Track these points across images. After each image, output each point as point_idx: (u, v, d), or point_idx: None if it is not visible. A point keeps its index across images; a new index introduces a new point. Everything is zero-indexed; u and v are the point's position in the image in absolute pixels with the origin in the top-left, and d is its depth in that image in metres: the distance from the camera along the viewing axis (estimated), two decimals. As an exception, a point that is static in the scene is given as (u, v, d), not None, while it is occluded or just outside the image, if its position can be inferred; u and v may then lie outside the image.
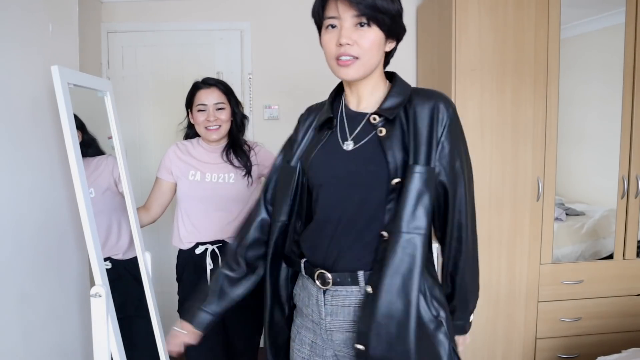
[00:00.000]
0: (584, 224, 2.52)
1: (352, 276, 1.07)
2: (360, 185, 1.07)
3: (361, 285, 1.07)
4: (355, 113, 1.13)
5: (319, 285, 1.10)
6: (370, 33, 1.02)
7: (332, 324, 1.11)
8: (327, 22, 1.04)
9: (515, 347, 2.41)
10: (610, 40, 2.40)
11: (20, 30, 1.39)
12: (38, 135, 1.47)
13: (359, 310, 1.07)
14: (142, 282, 1.70)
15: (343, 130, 1.12)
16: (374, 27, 1.02)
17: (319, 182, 1.13)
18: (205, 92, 1.80)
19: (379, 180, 1.05)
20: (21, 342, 1.36)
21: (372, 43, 1.03)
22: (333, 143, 1.12)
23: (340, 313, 1.10)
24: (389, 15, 1.02)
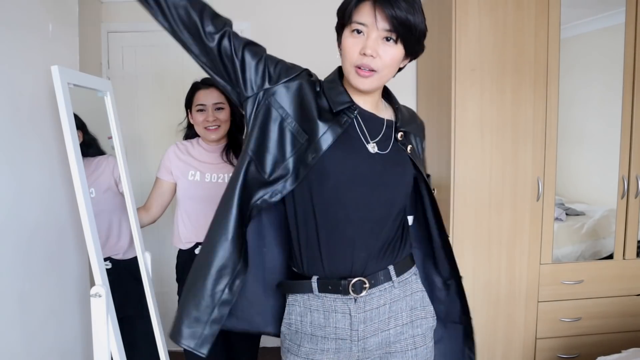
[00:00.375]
0: (584, 224, 2.52)
1: (384, 273, 1.09)
2: (387, 185, 1.07)
3: (394, 279, 1.10)
4: (369, 114, 1.09)
5: (352, 294, 1.05)
6: (395, 50, 1.01)
7: (367, 330, 1.07)
8: (354, 26, 1.01)
9: (515, 347, 2.41)
10: (610, 40, 2.40)
11: (20, 30, 1.39)
12: (38, 135, 1.46)
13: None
14: (142, 282, 1.70)
15: (362, 129, 1.07)
16: (399, 44, 1.01)
17: (341, 179, 1.03)
18: (204, 92, 1.80)
19: (403, 182, 1.11)
20: (21, 342, 1.36)
21: (393, 59, 1.02)
22: (355, 140, 1.06)
23: (375, 316, 1.08)
24: (416, 35, 1.01)
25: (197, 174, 1.80)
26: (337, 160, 1.03)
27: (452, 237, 2.33)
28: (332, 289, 1.06)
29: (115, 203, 1.87)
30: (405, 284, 1.13)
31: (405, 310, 1.12)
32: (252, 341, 1.91)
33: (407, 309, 1.12)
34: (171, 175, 1.84)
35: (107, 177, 1.84)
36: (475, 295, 2.37)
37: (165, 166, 1.85)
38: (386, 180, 1.07)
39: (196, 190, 1.80)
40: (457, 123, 2.28)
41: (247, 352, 1.90)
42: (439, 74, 2.45)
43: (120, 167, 1.67)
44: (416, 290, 1.15)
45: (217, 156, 1.83)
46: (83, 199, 1.27)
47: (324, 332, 1.08)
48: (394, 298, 1.10)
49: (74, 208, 1.42)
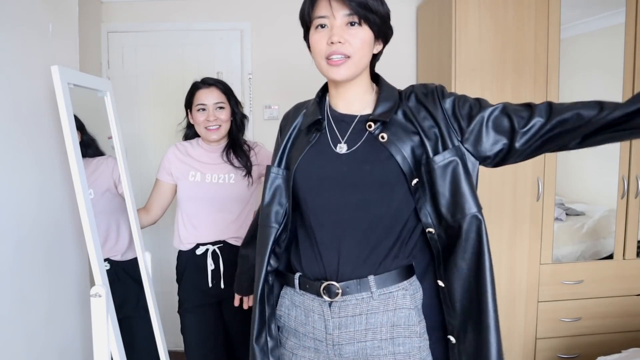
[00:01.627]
0: (584, 224, 2.52)
1: (361, 282, 1.04)
2: (357, 186, 1.03)
3: (373, 290, 1.04)
4: (342, 115, 1.10)
5: (326, 298, 1.05)
6: (362, 32, 1.01)
7: (341, 337, 1.05)
8: (316, 22, 1.03)
9: (515, 347, 2.41)
10: (610, 40, 2.40)
11: (20, 30, 1.39)
12: (38, 135, 1.47)
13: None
14: (141, 282, 1.70)
15: (333, 133, 1.09)
16: (364, 26, 1.01)
17: (308, 185, 1.07)
18: (204, 92, 1.80)
19: (374, 180, 1.03)
20: (21, 342, 1.36)
21: (363, 42, 1.01)
22: (323, 145, 1.08)
23: (350, 324, 1.05)
24: (379, 15, 1.01)
25: (197, 174, 1.80)
26: (304, 168, 1.08)
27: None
28: (309, 288, 1.08)
29: (113, 205, 1.87)
30: (388, 298, 1.04)
31: (385, 326, 1.04)
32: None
33: (388, 325, 1.04)
34: (171, 177, 1.84)
35: (106, 178, 1.84)
36: (475, 295, 2.37)
37: (165, 167, 1.84)
38: (354, 180, 1.04)
39: (197, 191, 1.79)
40: (457, 123, 2.27)
41: (247, 352, 1.90)
42: (439, 74, 2.45)
43: (120, 167, 1.67)
44: (401, 306, 1.05)
45: (218, 156, 1.83)
46: (83, 199, 1.27)
47: (304, 330, 1.10)
48: (372, 310, 1.04)
49: (74, 208, 1.42)
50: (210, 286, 1.79)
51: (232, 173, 1.81)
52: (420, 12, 2.76)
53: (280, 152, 1.16)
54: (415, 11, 2.81)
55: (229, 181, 1.80)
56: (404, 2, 2.81)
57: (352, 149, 1.05)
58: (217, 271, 1.80)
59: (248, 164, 1.82)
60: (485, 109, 1.02)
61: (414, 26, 2.81)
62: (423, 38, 2.71)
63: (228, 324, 1.86)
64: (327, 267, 1.06)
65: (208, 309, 1.82)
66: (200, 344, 1.81)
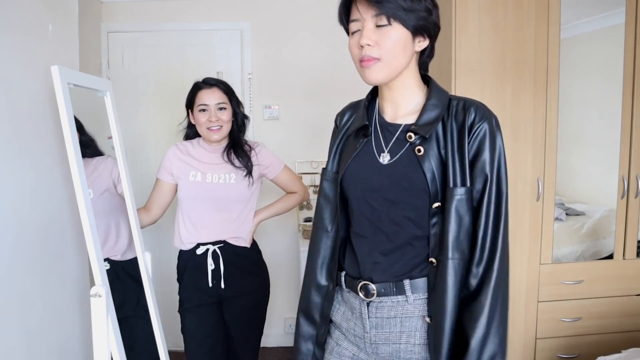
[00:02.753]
0: (584, 224, 2.52)
1: (397, 285, 1.05)
2: (394, 201, 1.04)
3: (408, 295, 1.05)
4: (388, 123, 1.08)
5: (362, 297, 1.08)
6: (392, 32, 0.97)
7: (378, 336, 1.08)
8: (351, 27, 1.02)
9: (515, 347, 2.41)
10: (610, 40, 2.40)
11: (20, 30, 1.39)
12: (38, 135, 1.46)
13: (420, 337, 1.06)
14: (141, 282, 1.70)
15: (378, 140, 1.08)
16: (396, 25, 0.97)
17: (354, 194, 1.09)
18: (206, 92, 1.80)
19: (412, 197, 1.03)
20: (21, 342, 1.36)
21: (394, 43, 0.98)
22: (369, 154, 1.08)
23: (386, 325, 1.07)
24: (413, 11, 0.97)
25: (198, 174, 1.80)
26: (349, 176, 1.09)
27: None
28: (352, 286, 1.11)
29: (113, 205, 1.87)
30: (423, 304, 1.05)
31: (419, 331, 1.05)
32: (253, 341, 1.91)
33: (422, 330, 1.05)
34: (171, 176, 1.84)
35: (105, 178, 1.84)
36: (475, 295, 2.37)
37: (166, 167, 1.84)
38: (393, 196, 1.04)
39: (197, 191, 1.79)
40: (457, 123, 2.27)
41: (248, 352, 1.90)
42: (439, 74, 2.45)
43: (120, 167, 1.67)
44: None
45: (218, 156, 1.83)
46: (83, 198, 1.27)
47: (347, 325, 1.14)
48: (407, 314, 1.06)
49: (74, 208, 1.42)
50: (210, 286, 1.79)
51: (233, 173, 1.81)
52: (420, 12, 2.76)
53: (333, 154, 1.17)
54: (415, 11, 2.81)
55: (229, 181, 1.80)
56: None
57: (393, 159, 1.05)
58: (217, 271, 1.80)
59: (249, 164, 1.82)
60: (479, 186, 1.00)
61: (414, 26, 2.81)
62: (423, 38, 2.71)
63: (228, 324, 1.86)
64: (366, 270, 1.08)
65: (208, 308, 1.82)
66: (201, 343, 1.81)
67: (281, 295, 2.95)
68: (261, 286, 1.90)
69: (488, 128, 1.01)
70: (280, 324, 3.02)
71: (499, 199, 1.00)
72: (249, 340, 1.90)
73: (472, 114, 1.01)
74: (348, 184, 1.10)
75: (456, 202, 0.99)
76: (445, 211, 0.99)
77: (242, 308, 1.85)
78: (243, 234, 1.84)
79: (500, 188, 1.00)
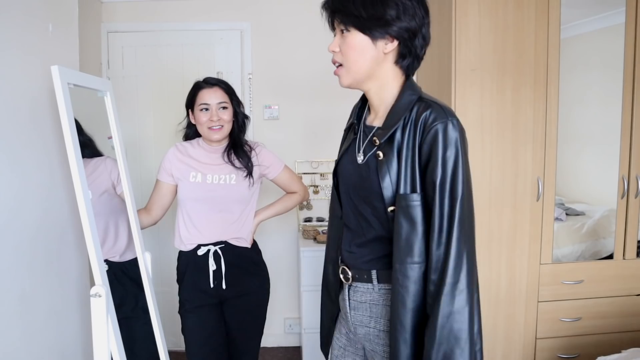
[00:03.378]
0: (584, 224, 2.52)
1: (367, 274, 1.12)
2: (364, 200, 1.09)
3: (374, 284, 1.12)
4: (366, 125, 1.13)
5: (343, 279, 1.18)
6: (350, 38, 1.03)
7: (355, 318, 1.17)
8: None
9: (515, 347, 2.41)
10: (610, 40, 2.40)
11: (20, 30, 1.39)
12: (38, 136, 1.46)
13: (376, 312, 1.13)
14: (139, 283, 1.69)
15: (360, 139, 1.13)
16: (353, 31, 1.02)
17: (342, 188, 1.19)
18: (208, 92, 1.79)
19: (372, 199, 1.07)
20: (21, 342, 1.36)
21: (351, 47, 1.03)
22: (353, 151, 1.14)
23: (360, 308, 1.15)
24: (371, 18, 0.99)
25: (198, 175, 1.80)
26: (339, 171, 1.19)
27: (452, 237, 2.33)
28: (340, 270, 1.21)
29: (112, 206, 1.86)
30: (388, 294, 1.09)
31: (384, 318, 1.11)
32: (253, 341, 1.91)
33: (386, 318, 1.10)
34: (172, 177, 1.83)
35: (105, 179, 1.83)
36: (475, 295, 2.37)
37: (166, 168, 1.84)
38: (363, 194, 1.09)
39: (197, 191, 1.79)
40: (457, 123, 2.27)
41: (248, 352, 1.90)
42: (439, 74, 2.45)
43: (120, 167, 1.67)
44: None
45: (218, 157, 1.83)
46: (83, 199, 1.27)
47: (342, 304, 1.23)
48: (374, 301, 1.13)
49: (74, 208, 1.42)
50: (211, 287, 1.79)
51: (233, 174, 1.81)
52: (420, 12, 2.76)
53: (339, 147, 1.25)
54: (415, 11, 2.81)
55: (229, 182, 1.80)
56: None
57: (364, 161, 1.09)
58: (218, 272, 1.79)
59: (249, 164, 1.82)
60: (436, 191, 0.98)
61: (414, 26, 2.81)
62: (423, 38, 2.70)
63: (228, 324, 1.86)
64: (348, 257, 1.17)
65: (209, 309, 1.82)
66: (202, 344, 1.81)
67: (281, 295, 2.94)
68: (261, 286, 1.90)
69: (441, 130, 0.98)
70: (280, 324, 3.02)
71: (452, 204, 0.97)
72: (249, 341, 1.90)
73: (427, 116, 1.00)
74: (338, 177, 1.19)
75: (405, 208, 1.00)
76: (396, 216, 1.01)
77: (243, 308, 1.85)
78: (244, 234, 1.84)
79: (453, 192, 0.97)
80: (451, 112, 1.00)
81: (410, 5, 1.01)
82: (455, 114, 1.01)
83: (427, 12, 1.06)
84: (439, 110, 1.00)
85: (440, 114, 0.99)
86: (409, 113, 1.03)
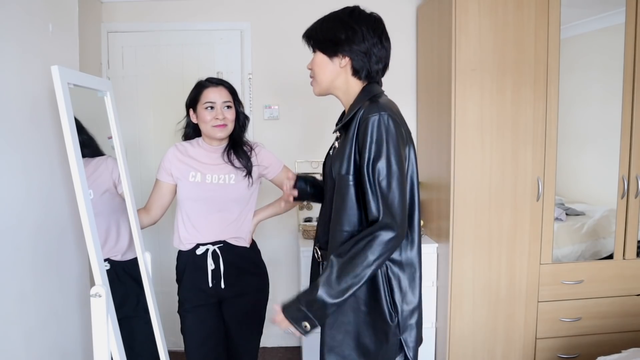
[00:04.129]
0: (584, 224, 2.52)
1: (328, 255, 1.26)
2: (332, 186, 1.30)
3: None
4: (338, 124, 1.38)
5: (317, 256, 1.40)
6: (315, 57, 1.34)
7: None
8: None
9: (515, 347, 2.42)
10: (610, 40, 2.40)
11: (20, 30, 1.39)
12: (38, 136, 1.47)
13: None
14: (141, 282, 1.69)
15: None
16: (317, 52, 1.33)
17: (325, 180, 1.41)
18: (213, 91, 1.79)
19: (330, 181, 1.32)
20: (21, 342, 1.36)
21: (316, 64, 1.34)
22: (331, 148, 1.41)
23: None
24: (326, 40, 1.29)
25: (197, 175, 1.80)
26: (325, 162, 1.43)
27: (452, 237, 2.33)
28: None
29: (113, 205, 1.86)
30: None
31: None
32: (252, 341, 1.91)
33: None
34: (171, 177, 1.83)
35: (106, 179, 1.83)
36: (475, 295, 2.37)
37: (165, 168, 1.84)
38: (328, 180, 1.35)
39: (197, 191, 1.79)
40: (457, 123, 2.28)
41: (247, 352, 1.90)
42: (439, 74, 2.45)
43: (120, 167, 1.67)
44: None
45: (218, 157, 1.83)
46: (83, 199, 1.27)
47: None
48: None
49: (74, 208, 1.42)
50: (210, 286, 1.79)
51: (233, 173, 1.81)
52: (420, 12, 2.76)
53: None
54: (415, 11, 2.81)
55: (229, 181, 1.80)
56: (404, 2, 2.81)
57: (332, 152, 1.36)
58: (217, 271, 1.80)
59: (248, 164, 1.82)
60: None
61: (414, 26, 2.81)
62: (423, 38, 2.71)
63: (228, 324, 1.86)
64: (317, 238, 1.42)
65: (208, 309, 1.82)
66: (201, 343, 1.81)
67: (281, 295, 2.93)
68: (261, 286, 1.90)
69: (369, 124, 1.19)
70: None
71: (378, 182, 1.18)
72: (248, 341, 1.90)
73: (364, 112, 1.22)
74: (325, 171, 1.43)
75: (339, 187, 1.25)
76: (335, 193, 1.27)
77: (242, 308, 1.85)
78: (243, 234, 1.84)
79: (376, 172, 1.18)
80: (384, 108, 1.20)
81: (360, 31, 1.26)
82: (389, 110, 1.20)
83: (380, 36, 1.29)
84: (373, 107, 1.21)
85: (369, 111, 1.20)
86: (359, 111, 1.24)
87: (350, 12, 1.30)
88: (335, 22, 1.29)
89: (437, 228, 2.52)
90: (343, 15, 1.30)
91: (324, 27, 1.31)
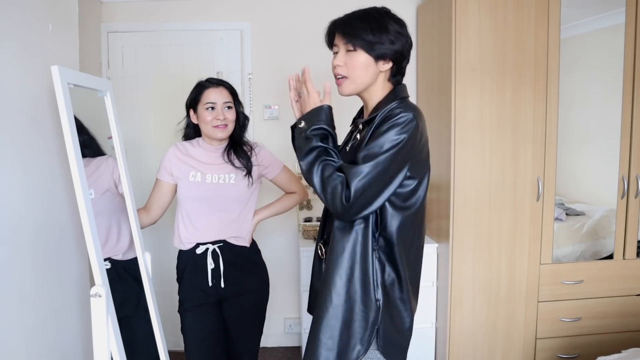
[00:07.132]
0: (584, 224, 2.52)
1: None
2: None
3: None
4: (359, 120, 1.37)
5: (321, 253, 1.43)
6: (357, 56, 1.27)
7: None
8: (333, 50, 1.33)
9: (515, 347, 2.42)
10: (610, 40, 2.40)
11: (20, 30, 1.39)
12: (38, 136, 1.47)
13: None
14: (141, 282, 1.70)
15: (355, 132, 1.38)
16: (360, 51, 1.26)
17: None
18: (214, 91, 1.80)
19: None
20: (21, 342, 1.36)
21: (357, 63, 1.27)
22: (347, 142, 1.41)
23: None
24: (376, 42, 1.24)
25: (197, 174, 1.80)
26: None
27: (452, 237, 2.33)
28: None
29: (114, 205, 1.86)
30: None
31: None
32: (253, 341, 1.91)
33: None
34: (171, 177, 1.84)
35: (107, 178, 1.83)
36: (475, 295, 2.37)
37: (165, 167, 1.84)
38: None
39: (197, 191, 1.79)
40: (457, 123, 2.28)
41: (247, 352, 1.90)
42: (439, 74, 2.45)
43: (120, 167, 1.67)
44: None
45: (218, 156, 1.83)
46: (83, 199, 1.27)
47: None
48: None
49: (74, 208, 1.42)
50: (210, 285, 1.79)
51: (233, 173, 1.81)
52: (420, 12, 2.76)
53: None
54: (415, 11, 2.81)
55: (229, 181, 1.80)
56: (404, 2, 2.81)
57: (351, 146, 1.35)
58: (217, 270, 1.80)
59: (248, 164, 1.82)
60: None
61: (414, 26, 2.81)
62: (423, 38, 2.71)
63: (228, 323, 1.86)
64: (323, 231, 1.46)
65: (208, 308, 1.82)
66: (201, 343, 1.81)
67: (281, 295, 2.95)
68: (261, 286, 1.90)
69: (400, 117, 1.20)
70: (280, 324, 3.02)
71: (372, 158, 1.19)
72: (248, 340, 1.90)
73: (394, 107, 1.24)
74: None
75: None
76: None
77: (242, 308, 1.85)
78: (242, 233, 1.84)
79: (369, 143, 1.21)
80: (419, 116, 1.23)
81: (402, 33, 1.27)
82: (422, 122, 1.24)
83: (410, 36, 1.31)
84: (410, 106, 1.24)
85: (409, 108, 1.22)
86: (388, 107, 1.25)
87: (392, 16, 1.29)
88: (382, 26, 1.25)
89: (437, 228, 2.52)
90: (388, 19, 1.27)
91: (373, 28, 1.25)
